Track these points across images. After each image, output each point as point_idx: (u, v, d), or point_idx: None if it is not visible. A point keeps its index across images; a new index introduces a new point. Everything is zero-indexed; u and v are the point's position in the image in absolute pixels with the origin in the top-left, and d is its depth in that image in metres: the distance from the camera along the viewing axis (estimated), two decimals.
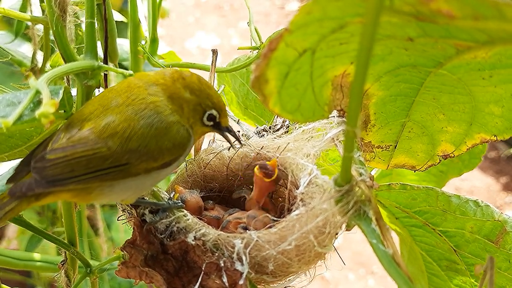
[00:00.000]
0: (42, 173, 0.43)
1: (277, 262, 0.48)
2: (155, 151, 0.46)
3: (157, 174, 0.48)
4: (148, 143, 0.46)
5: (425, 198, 0.58)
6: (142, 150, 0.45)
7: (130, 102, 0.46)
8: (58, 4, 0.50)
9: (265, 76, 0.41)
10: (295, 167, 0.56)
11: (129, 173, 0.46)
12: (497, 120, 0.53)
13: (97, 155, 0.44)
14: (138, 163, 0.46)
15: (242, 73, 0.75)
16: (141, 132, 0.45)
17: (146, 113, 0.46)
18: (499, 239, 0.56)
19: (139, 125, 0.45)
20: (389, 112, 0.55)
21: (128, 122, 0.45)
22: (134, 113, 0.46)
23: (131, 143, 0.45)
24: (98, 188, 0.46)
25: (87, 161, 0.44)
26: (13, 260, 0.65)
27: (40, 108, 0.40)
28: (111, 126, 0.45)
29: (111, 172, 0.45)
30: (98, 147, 0.44)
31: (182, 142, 0.48)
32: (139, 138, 0.45)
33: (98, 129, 0.45)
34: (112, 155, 0.44)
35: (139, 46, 0.75)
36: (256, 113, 0.76)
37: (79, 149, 0.44)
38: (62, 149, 0.44)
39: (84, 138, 0.45)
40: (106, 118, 0.45)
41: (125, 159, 0.45)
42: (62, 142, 0.45)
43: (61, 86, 0.50)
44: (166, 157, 0.47)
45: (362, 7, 0.36)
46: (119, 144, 0.45)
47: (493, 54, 0.44)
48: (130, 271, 0.49)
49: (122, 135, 0.45)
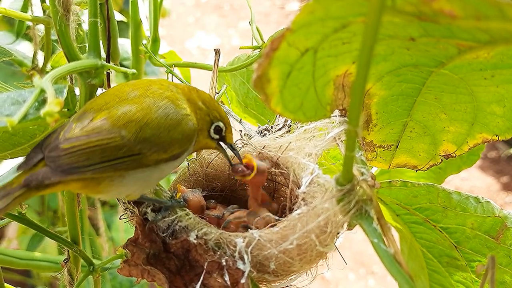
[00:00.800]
0: (57, 162, 0.44)
1: (278, 261, 0.48)
2: (166, 141, 0.47)
3: (165, 166, 0.49)
4: (161, 133, 0.47)
5: (425, 195, 0.59)
6: (154, 140, 0.47)
7: (149, 94, 0.48)
8: (62, 3, 0.50)
9: (267, 76, 0.41)
10: (297, 167, 0.56)
11: (140, 164, 0.47)
12: (499, 120, 0.53)
13: (111, 145, 0.45)
14: (150, 154, 0.47)
15: (242, 72, 0.75)
16: (157, 122, 0.47)
17: (164, 104, 0.48)
18: (500, 235, 0.56)
19: (156, 114, 0.47)
20: (391, 111, 0.55)
21: (145, 111, 0.47)
22: (152, 103, 0.47)
23: (145, 132, 0.46)
24: (108, 179, 0.47)
25: (101, 150, 0.45)
26: (15, 260, 0.65)
27: (45, 107, 0.40)
28: (128, 115, 0.46)
29: (125, 161, 0.46)
30: (112, 137, 0.45)
31: (190, 135, 0.50)
32: (154, 128, 0.47)
33: (114, 118, 0.46)
34: (126, 145, 0.45)
35: (141, 46, 0.75)
36: (257, 111, 0.76)
37: (93, 138, 0.45)
38: (76, 138, 0.45)
39: (98, 127, 0.45)
40: (123, 108, 0.46)
41: (137, 149, 0.46)
42: (76, 132, 0.45)
43: (65, 85, 0.50)
44: (175, 149, 0.49)
45: (365, 7, 0.36)
46: (133, 133, 0.46)
47: (495, 54, 0.44)
48: (132, 269, 0.49)
49: (137, 124, 0.46)
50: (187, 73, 1.08)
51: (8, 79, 0.99)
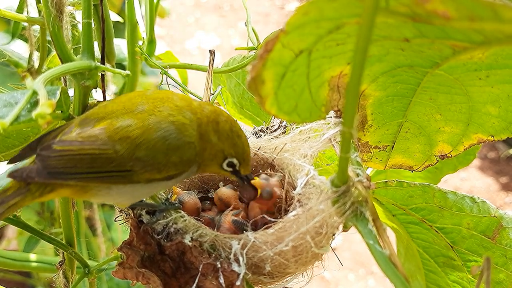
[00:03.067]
0: (45, 163, 0.43)
1: (274, 263, 0.48)
2: (161, 163, 0.46)
3: (157, 184, 0.48)
4: (156, 155, 0.45)
5: (421, 195, 0.59)
6: (148, 160, 0.45)
7: (156, 112, 0.46)
8: (55, 5, 0.50)
9: (262, 77, 0.40)
10: (292, 168, 0.56)
11: (130, 180, 0.46)
12: (494, 120, 0.53)
13: (103, 156, 0.44)
14: (142, 172, 0.45)
15: (238, 73, 0.75)
16: (153, 143, 0.45)
17: (166, 127, 0.45)
18: (496, 234, 0.56)
19: (154, 135, 0.45)
20: (386, 112, 0.55)
21: (143, 129, 0.44)
22: (154, 123, 0.45)
23: (139, 151, 0.44)
24: (96, 189, 0.46)
25: (91, 160, 0.44)
26: (10, 261, 0.65)
27: (37, 109, 0.40)
28: (126, 130, 0.44)
29: (114, 176, 0.45)
30: (105, 148, 0.44)
31: (189, 160, 0.48)
32: (150, 148, 0.45)
33: (111, 130, 0.44)
34: (117, 159, 0.44)
35: (137, 47, 0.75)
36: (252, 112, 0.76)
37: (86, 146, 0.44)
38: (70, 142, 0.44)
39: (94, 136, 0.44)
40: (124, 121, 0.45)
41: (129, 166, 0.45)
42: (72, 135, 0.45)
43: (58, 87, 0.50)
44: (171, 170, 0.47)
45: (359, 8, 0.36)
46: (127, 150, 0.44)
47: (490, 54, 0.44)
48: (127, 272, 0.49)
49: (133, 141, 0.44)
50: (184, 74, 1.08)
51: (7, 80, 0.99)
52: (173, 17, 4.01)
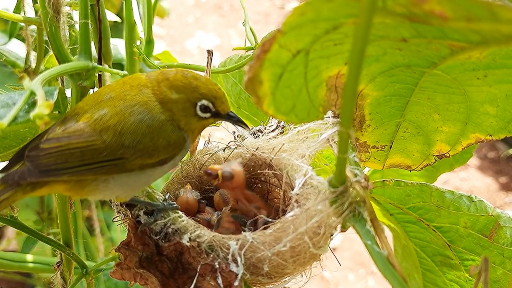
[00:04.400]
0: (35, 162, 0.43)
1: (272, 264, 0.48)
2: (149, 147, 0.46)
3: (152, 171, 0.48)
4: (141, 139, 0.45)
5: (419, 194, 0.59)
6: (136, 145, 0.45)
7: (123, 97, 0.46)
8: (52, 5, 0.50)
9: (259, 78, 0.40)
10: (290, 168, 0.56)
11: (124, 168, 0.46)
12: (492, 120, 0.53)
13: (92, 147, 0.44)
14: (133, 159, 0.46)
15: (234, 73, 0.75)
16: (133, 128, 0.45)
17: (137, 109, 0.46)
18: (493, 233, 0.56)
19: (130, 120, 0.45)
20: (384, 112, 0.55)
21: (119, 116, 0.45)
22: (125, 108, 0.46)
23: (124, 138, 0.45)
24: (93, 183, 0.46)
25: (81, 153, 0.44)
26: (8, 262, 0.65)
27: (35, 110, 0.40)
28: (104, 119, 0.45)
29: (106, 165, 0.45)
30: (92, 140, 0.44)
31: (178, 142, 0.48)
32: (131, 134, 0.45)
33: (92, 121, 0.45)
34: (107, 148, 0.44)
35: (135, 47, 0.75)
36: (249, 112, 0.76)
37: (73, 140, 0.44)
38: (57, 139, 0.44)
39: (79, 130, 0.45)
40: (99, 111, 0.45)
41: (119, 153, 0.45)
42: (57, 133, 0.45)
43: (56, 87, 0.50)
44: (161, 154, 0.47)
45: (356, 8, 0.36)
46: (112, 138, 0.45)
47: (487, 54, 0.44)
48: (125, 272, 0.49)
49: (115, 129, 0.45)
50: None
51: (6, 80, 0.98)
52: (173, 17, 4.01)
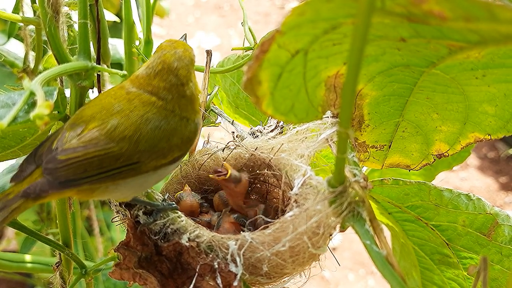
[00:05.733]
0: (55, 174, 0.44)
1: (271, 264, 0.48)
2: (165, 148, 0.47)
3: (164, 170, 0.49)
4: (158, 144, 0.46)
5: (417, 192, 0.59)
6: (153, 149, 0.46)
7: (130, 107, 0.46)
8: (51, 5, 0.50)
9: (258, 78, 0.40)
10: (289, 168, 0.56)
11: (139, 171, 0.47)
12: (490, 119, 0.53)
13: (109, 155, 0.45)
14: (149, 161, 0.47)
15: (233, 73, 0.75)
16: (149, 136, 0.46)
17: (151, 117, 0.46)
18: (491, 232, 0.56)
19: (146, 129, 0.46)
20: (383, 112, 0.55)
21: (134, 126, 0.45)
22: (139, 118, 0.46)
23: (141, 145, 0.46)
24: (103, 187, 0.47)
25: (99, 161, 0.44)
26: (6, 262, 0.65)
27: (35, 110, 0.39)
28: (120, 129, 0.45)
29: (124, 170, 0.46)
30: (109, 147, 0.45)
31: (190, 137, 0.49)
32: (149, 140, 0.46)
33: (106, 130, 0.45)
34: (124, 154, 0.45)
35: (134, 47, 0.75)
36: (248, 112, 0.76)
37: (90, 149, 0.44)
38: (73, 149, 0.44)
39: (95, 138, 0.45)
40: (113, 121, 0.45)
41: (136, 158, 0.46)
42: (72, 142, 0.45)
43: (55, 87, 0.49)
44: (175, 153, 0.48)
45: (354, 8, 0.36)
46: (129, 145, 0.45)
47: (486, 54, 0.44)
48: (124, 273, 0.49)
49: (131, 139, 0.45)
50: None
51: (5, 80, 0.98)
52: (173, 17, 4.01)
